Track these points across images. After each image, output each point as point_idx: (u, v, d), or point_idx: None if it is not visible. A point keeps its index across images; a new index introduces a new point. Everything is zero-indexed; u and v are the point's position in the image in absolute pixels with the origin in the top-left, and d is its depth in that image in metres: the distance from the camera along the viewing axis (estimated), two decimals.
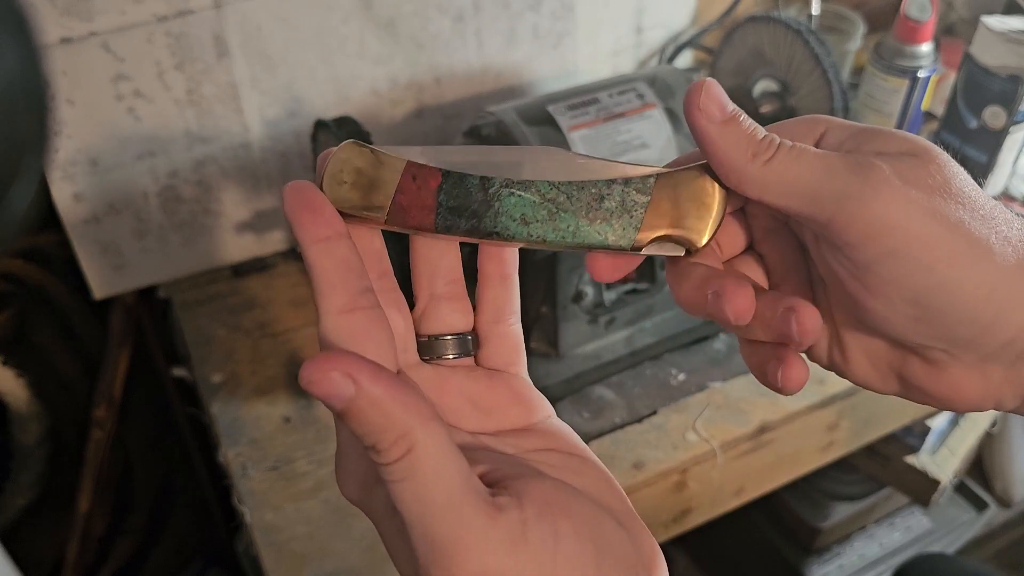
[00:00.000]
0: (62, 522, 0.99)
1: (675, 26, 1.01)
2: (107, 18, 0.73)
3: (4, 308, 0.89)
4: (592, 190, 0.32)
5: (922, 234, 0.28)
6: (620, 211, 0.32)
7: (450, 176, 0.31)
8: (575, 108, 0.72)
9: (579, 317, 0.77)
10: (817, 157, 0.30)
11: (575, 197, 0.32)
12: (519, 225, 0.31)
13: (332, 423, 0.76)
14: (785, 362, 0.32)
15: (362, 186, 0.31)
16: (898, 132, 0.31)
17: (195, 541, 1.17)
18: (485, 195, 0.31)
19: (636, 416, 0.76)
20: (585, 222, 0.32)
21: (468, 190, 0.31)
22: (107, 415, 0.95)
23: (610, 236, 0.32)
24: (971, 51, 0.86)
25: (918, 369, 0.32)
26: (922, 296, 0.29)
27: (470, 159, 0.32)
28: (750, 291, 0.31)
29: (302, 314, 0.87)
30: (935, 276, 0.28)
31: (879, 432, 0.91)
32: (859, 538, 1.29)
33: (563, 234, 0.32)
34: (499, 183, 0.31)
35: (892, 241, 0.28)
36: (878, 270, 0.29)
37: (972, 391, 0.31)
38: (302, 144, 0.87)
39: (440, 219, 0.31)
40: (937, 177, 0.29)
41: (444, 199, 0.31)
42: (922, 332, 0.30)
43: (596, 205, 0.32)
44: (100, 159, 0.80)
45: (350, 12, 0.82)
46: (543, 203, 0.31)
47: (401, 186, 0.31)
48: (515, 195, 0.31)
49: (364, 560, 0.67)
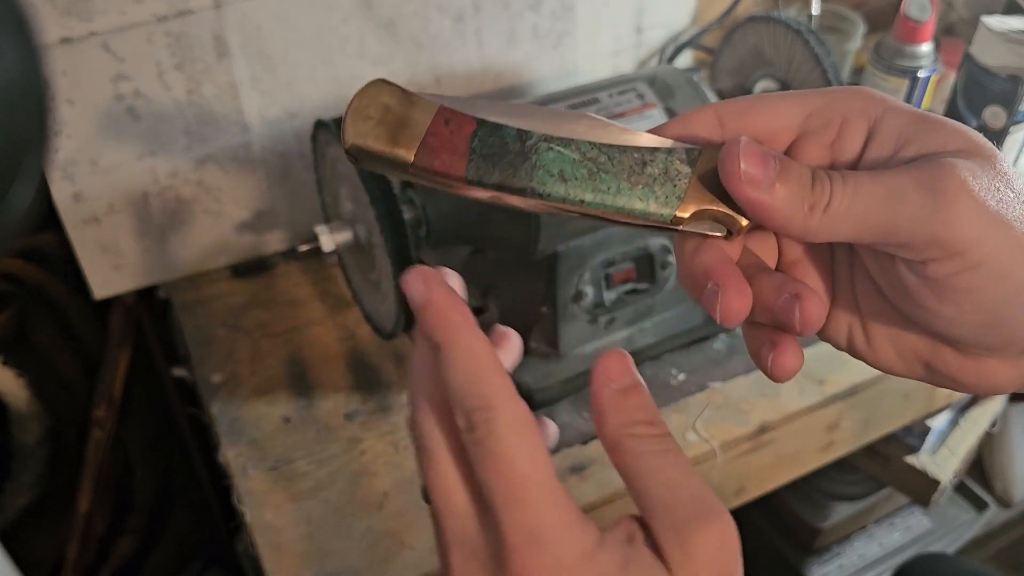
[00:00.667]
0: (62, 522, 0.99)
1: (675, 26, 1.01)
2: (107, 18, 0.73)
3: (4, 308, 0.89)
4: (635, 154, 0.30)
5: (998, 245, 0.27)
6: (663, 179, 0.30)
7: (485, 124, 0.29)
8: (575, 108, 0.72)
9: (579, 317, 0.77)
10: (878, 185, 0.28)
11: (617, 159, 0.29)
12: (556, 182, 0.29)
13: (332, 424, 0.76)
14: (778, 348, 0.31)
15: (389, 123, 0.29)
16: (957, 126, 0.30)
17: (195, 541, 1.17)
18: (522, 147, 0.29)
19: None
20: (627, 185, 0.29)
21: (504, 140, 0.29)
22: (107, 415, 0.95)
23: (652, 204, 0.29)
24: (971, 51, 0.86)
25: (950, 360, 0.31)
26: (995, 304, 0.28)
27: (504, 115, 0.30)
28: (748, 300, 0.30)
29: (302, 314, 0.87)
30: (1009, 284, 0.28)
31: (879, 432, 0.91)
32: (859, 538, 1.29)
33: (603, 196, 0.29)
34: (538, 137, 0.29)
35: (973, 256, 0.27)
36: (954, 282, 0.28)
37: (1003, 379, 0.31)
38: (302, 144, 0.87)
39: (472, 167, 0.29)
40: (1003, 178, 0.28)
41: (478, 146, 0.29)
42: (984, 334, 0.29)
43: (639, 170, 0.30)
44: (100, 159, 0.80)
45: (350, 12, 0.82)
46: (583, 161, 0.29)
47: (432, 128, 0.29)
48: (554, 150, 0.29)
49: (364, 560, 0.67)
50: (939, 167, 0.28)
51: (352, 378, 0.80)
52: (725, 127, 0.31)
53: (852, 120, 0.31)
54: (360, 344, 0.84)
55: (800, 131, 0.31)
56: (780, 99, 0.32)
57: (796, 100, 0.31)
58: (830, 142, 0.31)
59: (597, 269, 0.77)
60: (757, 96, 0.32)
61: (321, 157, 0.76)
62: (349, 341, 0.84)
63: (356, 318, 0.85)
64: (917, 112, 0.30)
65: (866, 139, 0.31)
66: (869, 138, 0.31)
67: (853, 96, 0.31)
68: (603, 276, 0.78)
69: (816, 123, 0.31)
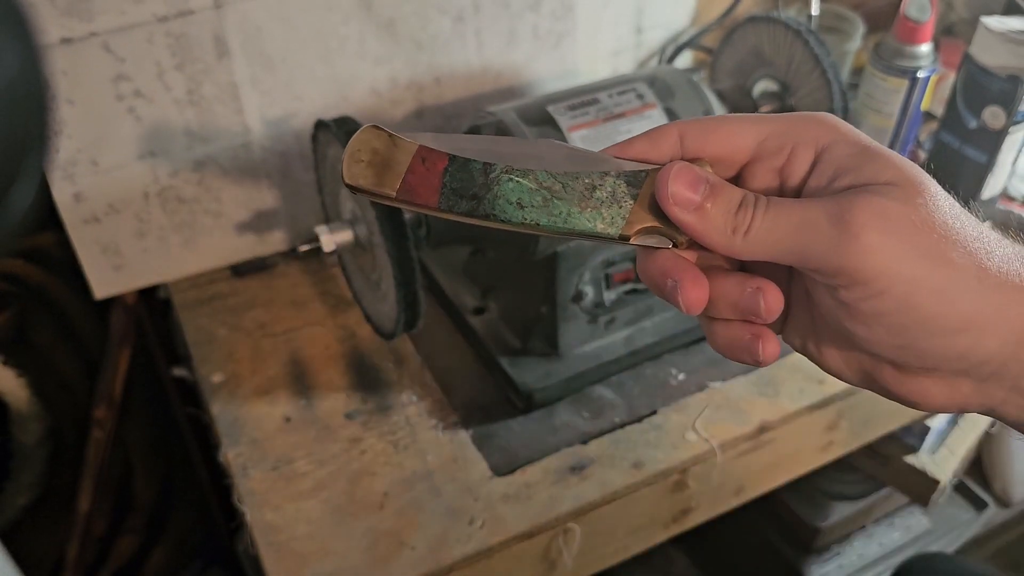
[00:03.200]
0: (62, 522, 0.99)
1: (675, 26, 1.01)
2: (107, 18, 0.73)
3: (4, 308, 0.90)
4: (586, 180, 0.34)
5: (905, 275, 0.29)
6: (610, 201, 0.34)
7: (456, 160, 0.34)
8: (575, 108, 0.72)
9: (579, 317, 0.78)
10: (794, 213, 0.31)
11: (569, 186, 0.34)
12: (515, 209, 0.34)
13: (332, 424, 0.76)
14: (763, 337, 0.34)
15: (377, 165, 0.34)
16: (893, 158, 0.31)
17: (195, 541, 1.17)
18: (486, 179, 0.34)
19: (636, 416, 0.76)
20: (577, 210, 0.34)
21: (471, 174, 0.34)
22: (107, 415, 0.95)
23: (599, 224, 0.34)
24: (971, 51, 0.87)
25: (888, 375, 0.33)
26: (904, 329, 0.30)
27: (478, 147, 0.34)
28: (705, 288, 0.33)
29: (302, 314, 0.87)
30: (918, 312, 0.30)
31: (879, 432, 0.91)
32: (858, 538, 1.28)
33: (555, 219, 0.34)
34: (500, 169, 0.34)
35: (877, 285, 0.30)
36: (864, 307, 0.30)
37: (939, 398, 0.32)
38: (302, 144, 0.87)
39: (443, 199, 0.34)
40: (922, 211, 0.30)
41: (449, 180, 0.34)
42: (901, 355, 0.31)
43: (588, 195, 0.34)
44: (100, 159, 0.80)
45: (350, 12, 0.82)
46: (539, 190, 0.34)
47: (412, 167, 0.34)
48: (513, 180, 0.33)
49: (364, 560, 0.67)
50: (851, 201, 0.30)
51: (352, 378, 0.80)
52: (684, 146, 0.34)
53: (801, 147, 0.33)
54: (360, 344, 0.84)
55: (754, 154, 0.34)
56: (739, 122, 0.34)
57: (753, 125, 0.34)
58: (779, 167, 0.34)
59: (597, 269, 0.77)
60: (719, 117, 0.35)
61: (321, 157, 0.76)
62: (349, 341, 0.84)
63: (356, 318, 0.85)
64: (862, 143, 0.32)
65: (811, 166, 0.33)
66: (813, 166, 0.33)
67: (808, 124, 0.33)
68: (603, 276, 0.78)
69: (770, 147, 0.34)
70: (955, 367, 0.31)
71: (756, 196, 0.32)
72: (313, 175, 0.79)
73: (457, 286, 0.86)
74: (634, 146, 0.35)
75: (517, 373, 0.77)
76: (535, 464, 0.73)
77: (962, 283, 0.29)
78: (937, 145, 0.92)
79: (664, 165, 0.34)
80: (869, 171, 0.31)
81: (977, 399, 0.32)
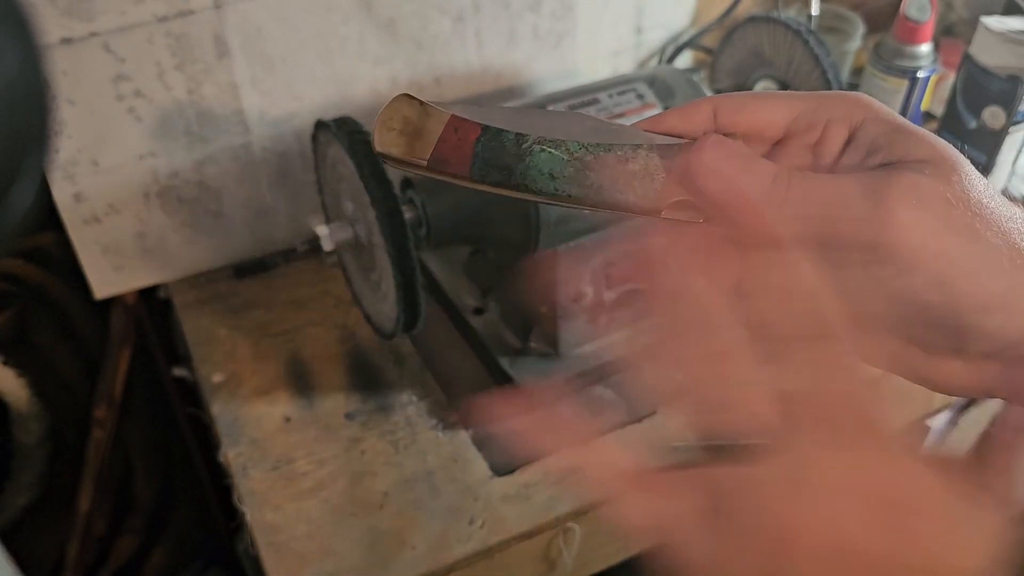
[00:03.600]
0: (63, 521, 0.99)
1: (675, 26, 1.01)
2: (107, 18, 0.73)
3: (4, 308, 0.90)
4: (619, 152, 0.33)
5: (937, 251, 0.29)
6: (643, 174, 0.33)
7: (488, 130, 0.33)
8: (575, 108, 0.72)
9: (579, 317, 0.78)
10: (828, 186, 0.30)
11: (601, 158, 0.33)
12: (547, 179, 0.33)
13: (332, 424, 0.76)
14: None
15: (408, 133, 0.33)
16: (926, 136, 0.31)
17: (195, 541, 1.17)
18: (519, 150, 0.33)
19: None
20: (609, 181, 0.33)
21: (504, 144, 0.33)
22: (108, 415, 0.95)
23: (631, 196, 0.33)
24: (970, 51, 0.87)
25: (917, 357, 0.32)
26: (935, 307, 0.30)
27: (507, 118, 0.34)
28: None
29: (302, 314, 0.87)
30: (950, 288, 0.29)
31: None
32: None
33: (587, 191, 0.33)
34: (532, 140, 0.33)
35: (909, 261, 0.29)
36: (895, 284, 0.30)
37: (965, 382, 0.32)
38: (302, 144, 0.87)
39: (476, 168, 0.33)
40: (956, 188, 0.30)
41: (481, 150, 0.33)
42: (930, 335, 0.31)
43: (621, 167, 0.33)
44: (100, 159, 0.80)
45: (350, 12, 0.82)
46: (571, 160, 0.33)
47: (443, 136, 0.33)
48: (546, 151, 0.33)
49: (364, 560, 0.67)
50: (887, 175, 0.30)
51: (352, 378, 0.80)
52: (718, 121, 0.34)
53: (834, 125, 0.33)
54: (360, 344, 0.84)
55: (787, 130, 0.34)
56: (772, 98, 0.34)
57: (786, 101, 0.34)
58: (812, 144, 0.33)
59: (597, 269, 0.77)
60: (752, 93, 0.34)
61: (321, 157, 0.76)
62: (349, 341, 0.84)
63: (356, 318, 0.85)
64: (895, 121, 0.32)
65: (845, 144, 0.33)
66: (847, 143, 0.33)
67: (841, 101, 0.33)
68: (603, 276, 0.78)
69: (802, 124, 0.33)
70: (984, 348, 0.30)
71: (790, 169, 0.31)
72: (313, 175, 0.79)
73: (457, 286, 0.86)
74: (667, 120, 0.34)
75: (517, 373, 0.77)
76: (535, 464, 0.73)
77: (995, 262, 0.29)
78: None
79: (698, 139, 0.33)
80: (903, 148, 0.31)
81: (1003, 384, 0.32)
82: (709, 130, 0.34)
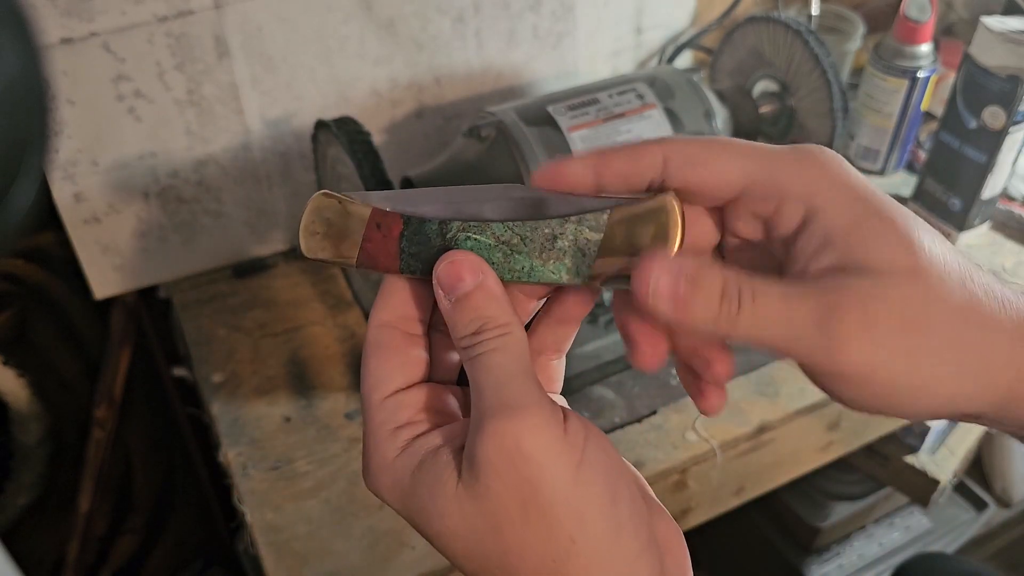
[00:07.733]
0: (63, 522, 0.99)
1: (675, 26, 1.01)
2: (107, 18, 0.73)
3: (4, 308, 0.90)
4: (546, 230, 0.32)
5: (885, 378, 0.29)
6: (573, 250, 0.32)
7: (411, 222, 0.33)
8: (575, 108, 0.72)
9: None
10: (780, 312, 0.30)
11: (529, 238, 0.33)
12: None
13: (332, 424, 0.76)
14: (703, 393, 0.35)
15: (332, 236, 0.34)
16: (890, 231, 0.30)
17: (195, 541, 1.17)
18: (443, 239, 0.33)
19: (636, 416, 0.76)
20: (539, 263, 0.33)
21: (427, 236, 0.33)
22: (108, 415, 0.95)
23: (564, 275, 0.33)
24: (970, 51, 0.87)
25: None
26: (883, 406, 0.31)
27: (433, 201, 0.34)
28: (663, 350, 0.33)
29: (302, 314, 0.87)
30: (891, 403, 0.30)
31: (879, 432, 0.91)
32: (859, 538, 1.28)
33: (518, 275, 0.33)
34: (456, 227, 0.33)
35: (856, 383, 0.30)
36: (841, 392, 0.31)
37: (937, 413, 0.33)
38: (302, 144, 0.87)
39: (404, 263, 0.33)
40: (914, 303, 0.29)
41: (406, 245, 0.33)
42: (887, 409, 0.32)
43: (550, 245, 0.32)
44: (100, 159, 0.80)
45: (350, 12, 0.82)
46: (498, 245, 0.33)
47: (367, 235, 0.33)
48: (471, 239, 0.33)
49: (364, 560, 0.67)
50: (838, 299, 0.29)
51: (352, 378, 0.80)
52: (667, 170, 0.32)
53: (789, 204, 0.31)
54: (360, 344, 0.84)
55: (741, 191, 0.32)
56: (725, 155, 0.32)
57: (740, 163, 0.32)
58: (766, 216, 0.32)
59: None
60: (705, 143, 0.32)
61: (321, 157, 0.76)
62: (349, 341, 0.84)
63: (356, 318, 0.86)
64: (858, 205, 0.30)
65: (800, 223, 0.31)
66: (802, 225, 0.31)
67: (799, 169, 0.31)
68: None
69: (757, 192, 0.32)
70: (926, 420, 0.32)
71: (739, 284, 0.30)
72: (313, 175, 0.79)
73: None
74: (613, 163, 0.32)
75: None
76: None
77: (939, 380, 0.30)
78: (937, 145, 0.92)
79: (631, 197, 0.32)
80: (861, 250, 0.29)
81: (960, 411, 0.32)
82: (656, 178, 0.32)
